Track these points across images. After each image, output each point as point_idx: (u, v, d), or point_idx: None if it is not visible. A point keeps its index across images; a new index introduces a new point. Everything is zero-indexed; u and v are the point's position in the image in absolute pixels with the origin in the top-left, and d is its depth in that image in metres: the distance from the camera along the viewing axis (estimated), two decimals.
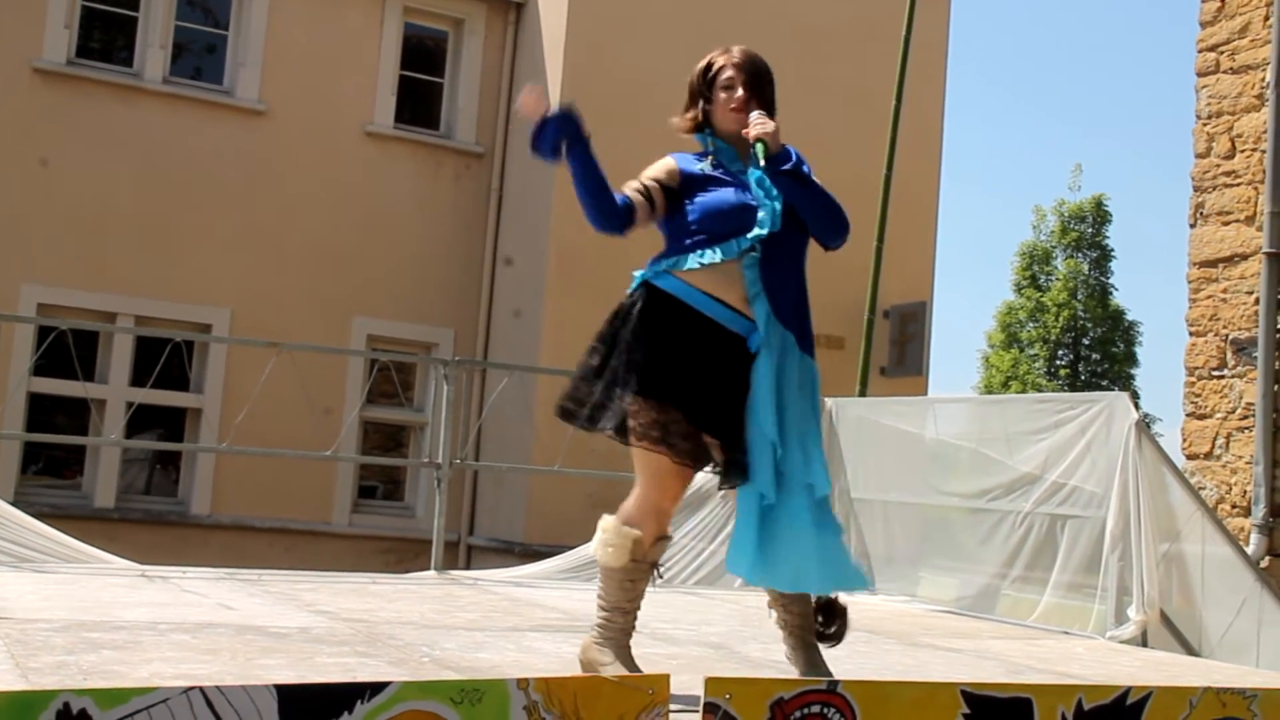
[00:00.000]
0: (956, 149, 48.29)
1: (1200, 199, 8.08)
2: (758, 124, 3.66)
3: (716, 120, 3.77)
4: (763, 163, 3.63)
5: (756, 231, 3.58)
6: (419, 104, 13.64)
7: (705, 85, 3.81)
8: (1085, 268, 26.32)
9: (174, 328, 11.42)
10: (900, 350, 13.81)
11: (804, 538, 3.47)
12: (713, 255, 3.56)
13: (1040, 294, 26.31)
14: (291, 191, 12.68)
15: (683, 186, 3.68)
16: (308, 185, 12.74)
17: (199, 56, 13.00)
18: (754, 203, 3.63)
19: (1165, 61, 50.94)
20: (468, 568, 11.74)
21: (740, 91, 3.73)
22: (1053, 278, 26.49)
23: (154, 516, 12.00)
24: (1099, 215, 26.60)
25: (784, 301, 3.64)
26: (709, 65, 3.82)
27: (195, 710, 2.30)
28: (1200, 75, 8.21)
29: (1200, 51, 8.22)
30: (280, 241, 12.58)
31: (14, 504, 6.83)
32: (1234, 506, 7.54)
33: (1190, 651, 5.76)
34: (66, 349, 7.97)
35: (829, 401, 8.04)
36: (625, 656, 3.57)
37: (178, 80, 12.62)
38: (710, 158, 3.76)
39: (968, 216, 49.65)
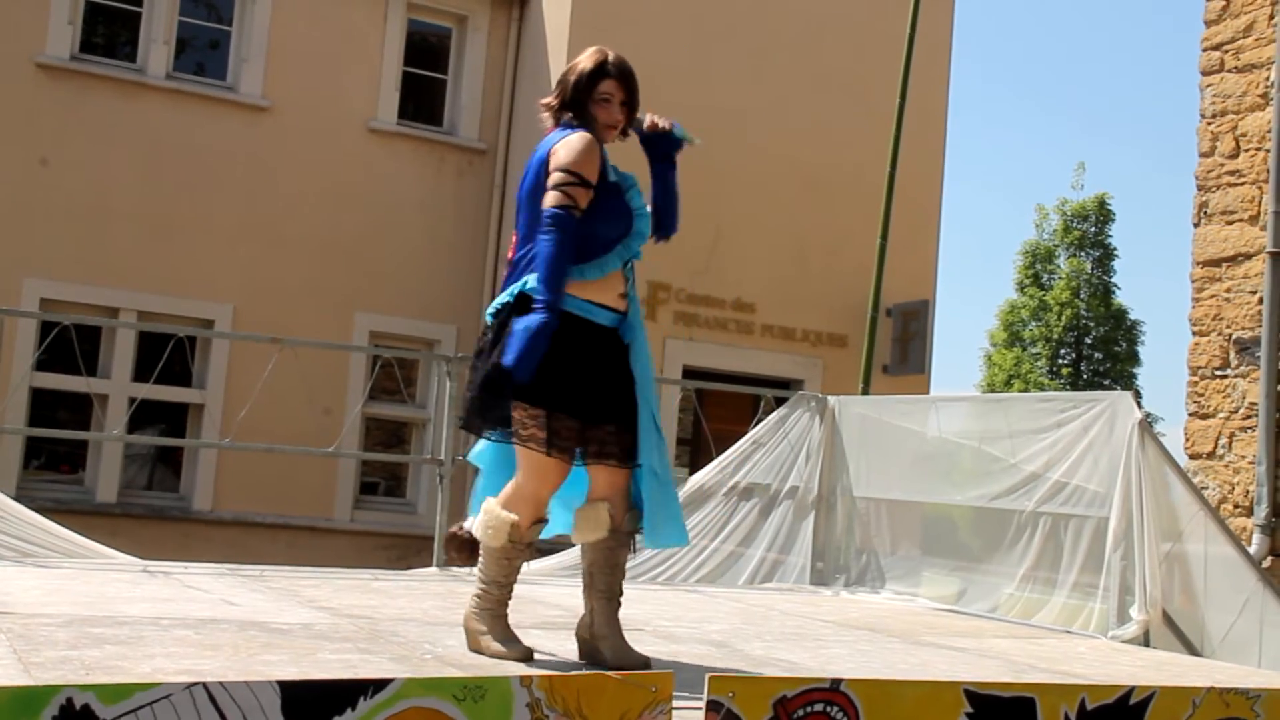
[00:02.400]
0: (959, 147, 48.27)
1: (1204, 198, 8.07)
2: (664, 118, 4.04)
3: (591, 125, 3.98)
4: (695, 142, 4.08)
5: (639, 240, 3.99)
6: (422, 100, 13.64)
7: (587, 88, 3.97)
8: (1088, 266, 26.29)
9: (176, 323, 11.43)
10: (902, 348, 13.81)
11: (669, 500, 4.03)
12: (611, 264, 3.92)
13: (1043, 293, 26.28)
14: (294, 187, 12.68)
15: (599, 185, 3.91)
16: (311, 181, 12.74)
17: (202, 52, 13.00)
18: (631, 208, 3.98)
19: (1169, 60, 50.90)
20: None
21: (618, 113, 3.99)
22: (1055, 276, 26.46)
23: (156, 512, 11.99)
24: (1102, 214, 26.56)
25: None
26: (599, 70, 3.97)
27: (198, 706, 2.30)
28: (1204, 74, 8.20)
29: (1204, 50, 8.21)
30: (283, 237, 12.58)
31: (16, 499, 6.83)
32: (1236, 506, 7.53)
33: (1192, 651, 5.76)
34: (69, 344, 7.97)
35: (831, 399, 8.05)
36: (502, 625, 3.95)
37: (181, 76, 12.61)
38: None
39: (970, 214, 49.63)
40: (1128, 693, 3.06)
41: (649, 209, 4.06)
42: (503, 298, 3.91)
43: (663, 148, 4.14)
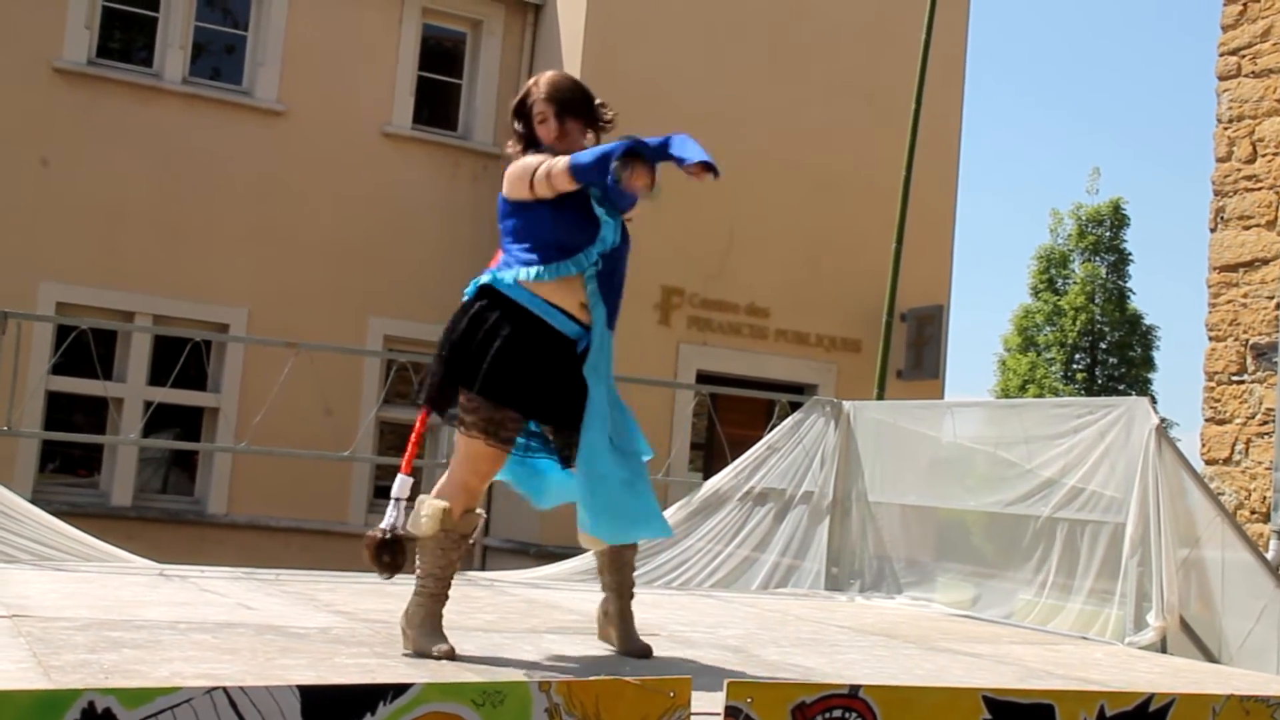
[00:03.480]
0: (973, 151, 48.20)
1: (1221, 203, 8.05)
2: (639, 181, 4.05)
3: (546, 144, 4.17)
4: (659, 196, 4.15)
5: (600, 246, 4.06)
6: (437, 105, 13.67)
7: (523, 117, 4.22)
8: (1103, 271, 26.21)
9: (191, 327, 11.46)
10: (917, 353, 13.79)
11: (639, 497, 4.08)
12: (565, 269, 4.02)
13: (1057, 297, 26.21)
14: (309, 192, 12.71)
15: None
16: (325, 185, 12.77)
17: (218, 57, 13.04)
18: (597, 218, 4.08)
19: (1184, 64, 50.78)
20: (483, 569, 11.75)
21: (553, 123, 4.15)
22: (1070, 281, 26.38)
23: (171, 515, 12.03)
24: (1117, 219, 26.47)
25: (612, 306, 4.13)
26: (524, 99, 4.23)
27: (219, 710, 2.31)
28: (1221, 79, 8.19)
29: (1221, 55, 8.20)
30: (297, 241, 12.61)
31: (32, 501, 6.85)
32: (1253, 512, 7.51)
33: (1210, 658, 5.73)
34: (85, 347, 8.00)
35: (847, 404, 8.04)
36: (433, 622, 3.98)
37: (197, 80, 12.66)
38: None
39: (985, 220, 49.54)
40: (1147, 700, 3.05)
41: (618, 219, 4.15)
42: (469, 288, 4.18)
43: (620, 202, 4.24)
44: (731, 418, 10.67)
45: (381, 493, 13.08)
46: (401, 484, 4.21)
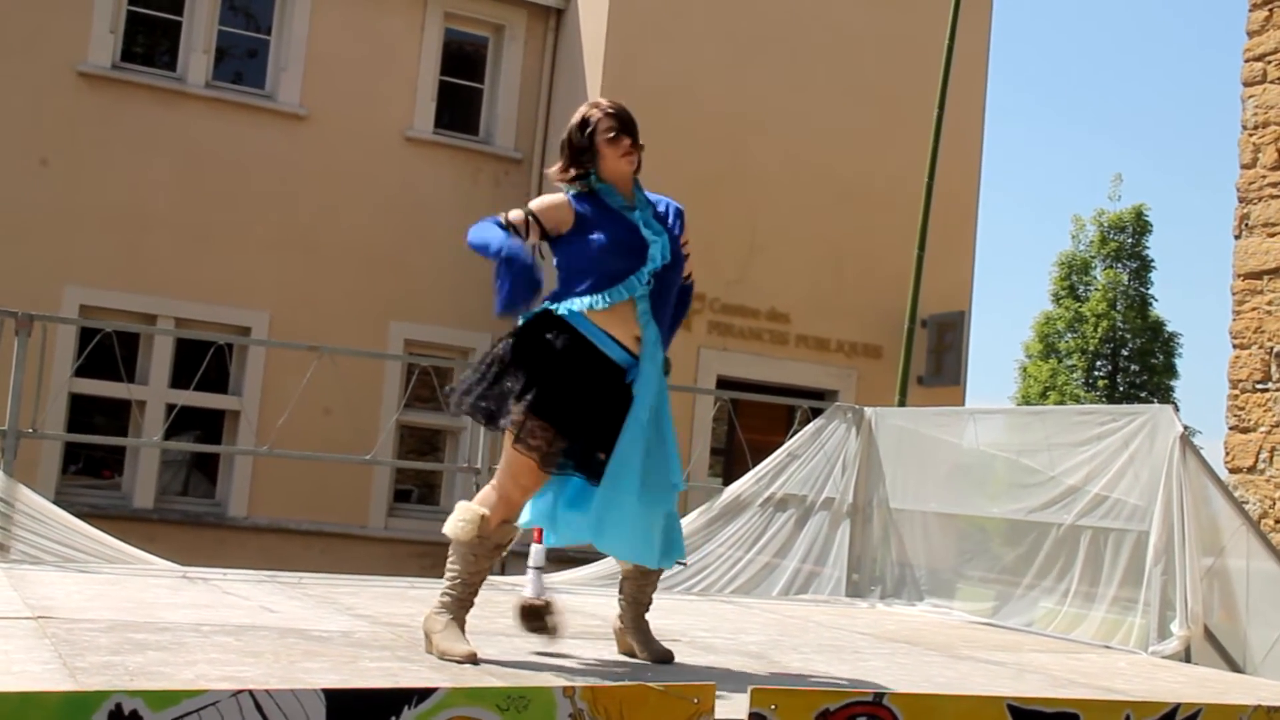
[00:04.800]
0: (996, 158, 48.03)
1: (1245, 210, 8.01)
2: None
3: (603, 166, 4.23)
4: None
5: (650, 266, 4.13)
6: (459, 109, 13.69)
7: (587, 138, 4.23)
8: (1124, 278, 26.11)
9: (213, 330, 11.51)
10: (938, 359, 13.75)
11: (665, 523, 4.17)
12: (618, 295, 4.09)
13: (1079, 304, 26.12)
14: (331, 195, 12.74)
15: (576, 224, 4.18)
16: (347, 189, 12.80)
17: (241, 61, 13.10)
18: (644, 239, 4.15)
19: (1208, 70, 50.52)
20: (502, 573, 11.74)
21: (626, 140, 4.21)
22: (1091, 288, 26.29)
23: (192, 518, 12.07)
24: (1139, 225, 26.37)
25: (662, 323, 4.21)
26: (585, 121, 4.25)
27: (244, 713, 2.32)
28: (1246, 85, 8.14)
29: (1247, 61, 8.15)
30: (319, 245, 12.65)
31: (54, 503, 6.88)
32: (1278, 521, 7.46)
33: (1234, 668, 5.70)
34: (108, 350, 8.04)
35: (868, 411, 8.02)
36: (457, 626, 4.03)
37: (220, 84, 12.71)
38: (589, 194, 4.23)
39: (1006, 226, 49.39)
40: (1173, 710, 3.04)
41: (665, 237, 4.19)
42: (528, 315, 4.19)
43: None
44: (752, 423, 10.65)
45: (401, 496, 13.11)
46: (537, 553, 4.45)
